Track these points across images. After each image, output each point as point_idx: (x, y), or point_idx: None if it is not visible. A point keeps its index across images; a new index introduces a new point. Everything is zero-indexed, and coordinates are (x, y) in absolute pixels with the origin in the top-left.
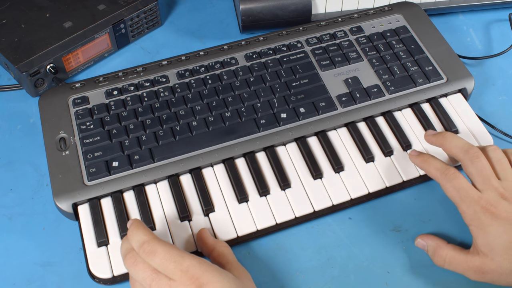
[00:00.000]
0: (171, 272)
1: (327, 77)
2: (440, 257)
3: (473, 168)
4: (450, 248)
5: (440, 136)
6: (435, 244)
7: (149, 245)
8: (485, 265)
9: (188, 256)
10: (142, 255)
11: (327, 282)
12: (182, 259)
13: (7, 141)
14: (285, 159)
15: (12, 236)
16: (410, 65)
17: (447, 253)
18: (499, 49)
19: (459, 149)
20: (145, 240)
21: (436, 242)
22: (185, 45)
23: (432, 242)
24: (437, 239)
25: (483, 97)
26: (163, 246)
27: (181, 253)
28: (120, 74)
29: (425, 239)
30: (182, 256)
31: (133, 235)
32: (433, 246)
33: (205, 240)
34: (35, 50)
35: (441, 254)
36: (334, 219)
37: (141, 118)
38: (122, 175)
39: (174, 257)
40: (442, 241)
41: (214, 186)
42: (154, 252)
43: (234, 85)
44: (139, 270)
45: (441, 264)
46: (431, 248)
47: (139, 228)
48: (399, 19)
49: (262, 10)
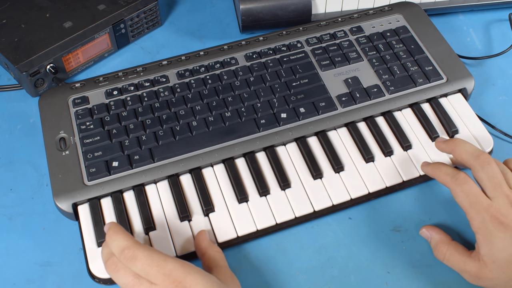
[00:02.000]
0: (153, 276)
1: (327, 77)
2: (441, 252)
3: (483, 173)
4: (452, 245)
5: (450, 142)
6: (438, 238)
7: (129, 251)
8: (482, 273)
9: (171, 259)
10: (123, 261)
11: (327, 282)
12: (165, 263)
13: (7, 141)
14: (285, 159)
15: (12, 236)
16: (410, 65)
17: (447, 249)
18: (499, 49)
19: (469, 154)
20: (125, 245)
21: (440, 236)
22: (185, 45)
23: (437, 235)
24: (442, 233)
25: (483, 97)
26: (144, 250)
27: (163, 256)
28: (120, 74)
29: (430, 231)
30: (164, 259)
31: (112, 240)
32: (436, 239)
33: (200, 242)
34: (35, 50)
35: (442, 249)
36: (334, 219)
37: (141, 118)
38: (122, 175)
39: (156, 261)
40: (446, 236)
41: (214, 186)
42: (135, 257)
43: (234, 85)
44: (120, 276)
45: (440, 259)
46: (434, 241)
47: (118, 233)
48: (399, 19)
49: (262, 10)
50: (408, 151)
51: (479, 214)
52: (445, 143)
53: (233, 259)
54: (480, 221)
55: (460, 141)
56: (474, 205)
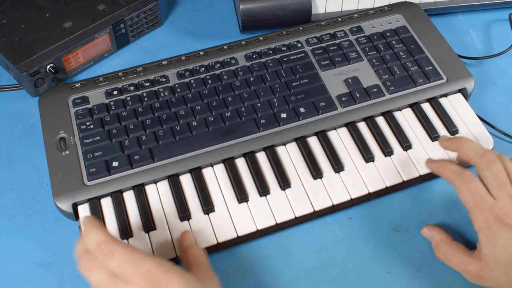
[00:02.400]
0: (130, 274)
1: (327, 77)
2: (442, 252)
3: (488, 172)
4: (453, 245)
5: (455, 140)
6: (439, 238)
7: (106, 246)
8: (483, 273)
9: (149, 257)
10: (99, 256)
11: (327, 282)
12: (142, 261)
13: (7, 141)
14: (285, 159)
15: (12, 236)
16: (410, 65)
17: (448, 249)
18: (499, 49)
19: (475, 153)
20: (102, 240)
21: (441, 236)
22: (185, 45)
23: (438, 235)
24: (443, 233)
25: (483, 97)
26: (122, 247)
27: (141, 254)
28: (120, 74)
29: (431, 231)
30: (142, 258)
31: (89, 235)
32: (437, 239)
33: (183, 240)
34: (35, 50)
35: (443, 249)
36: (334, 219)
37: (141, 118)
38: (122, 175)
39: (134, 259)
40: (447, 236)
41: (214, 186)
42: (112, 253)
43: (234, 85)
44: (94, 275)
45: (441, 259)
46: (435, 241)
47: (96, 227)
48: (399, 19)
49: (262, 10)
50: (408, 151)
51: (482, 214)
52: (449, 141)
53: (233, 259)
54: (483, 221)
55: (464, 139)
56: (478, 204)
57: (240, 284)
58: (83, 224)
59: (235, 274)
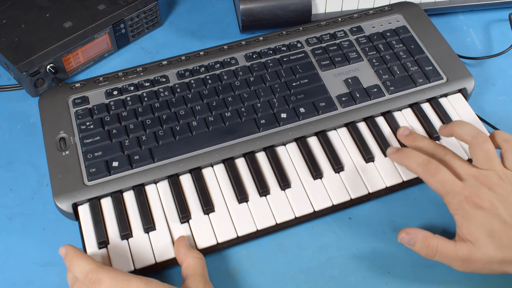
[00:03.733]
0: None
1: (327, 77)
2: (432, 247)
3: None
4: (439, 237)
5: (410, 137)
6: (423, 235)
7: (93, 274)
8: (472, 254)
9: (135, 279)
10: (88, 285)
11: (327, 282)
12: (129, 283)
13: (7, 141)
14: (285, 159)
15: (12, 236)
16: (410, 65)
17: (437, 242)
18: (499, 49)
19: (426, 149)
20: (88, 270)
21: (423, 233)
22: (185, 45)
23: (419, 233)
24: (423, 231)
25: (483, 97)
26: (108, 272)
27: (127, 277)
28: (120, 74)
29: (411, 232)
30: (128, 280)
31: (74, 265)
32: (423, 237)
33: (179, 249)
34: (35, 50)
35: (433, 244)
36: (334, 219)
37: (141, 118)
38: (122, 175)
39: (121, 283)
40: (428, 232)
41: (214, 186)
42: (100, 280)
43: (234, 85)
44: None
45: (433, 255)
46: (421, 240)
47: (79, 257)
48: (399, 19)
49: (262, 10)
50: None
51: (455, 198)
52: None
53: (233, 259)
54: (457, 203)
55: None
56: (449, 191)
57: (240, 284)
58: (64, 255)
59: (235, 274)
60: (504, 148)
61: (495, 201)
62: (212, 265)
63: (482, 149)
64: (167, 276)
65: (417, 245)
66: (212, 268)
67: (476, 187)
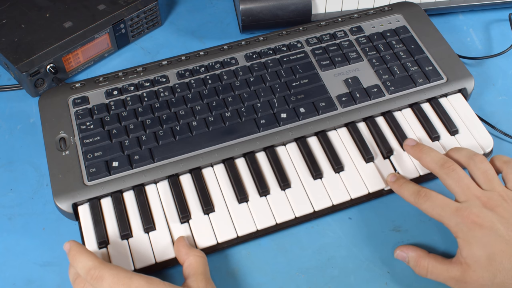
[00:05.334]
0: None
1: (327, 77)
2: (423, 267)
3: (450, 180)
4: (431, 257)
5: (417, 149)
6: (416, 255)
7: (95, 271)
8: (466, 276)
9: (136, 277)
10: (89, 281)
11: (327, 282)
12: (130, 281)
13: (7, 141)
14: (285, 159)
15: (12, 236)
16: (410, 65)
17: (428, 262)
18: (499, 49)
19: (434, 163)
20: (90, 266)
21: (417, 252)
22: (185, 45)
23: (413, 253)
24: (418, 249)
25: (483, 97)
26: (110, 270)
27: (129, 275)
28: (120, 74)
29: (405, 250)
30: (130, 278)
31: (77, 261)
32: (415, 256)
33: (180, 249)
34: (35, 50)
35: (423, 264)
36: (334, 219)
37: (141, 118)
38: (122, 175)
39: (122, 280)
40: (423, 251)
41: (214, 186)
42: (102, 277)
43: (234, 85)
44: None
45: (424, 274)
46: (413, 259)
47: (82, 254)
48: (399, 19)
49: (262, 10)
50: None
51: (451, 220)
52: (412, 148)
53: (233, 259)
54: (455, 225)
55: (426, 149)
56: (443, 214)
57: (240, 284)
58: (68, 250)
59: (235, 274)
60: (505, 170)
61: (496, 222)
62: (212, 265)
63: (480, 169)
64: (168, 276)
65: (411, 263)
66: (212, 268)
67: (477, 207)
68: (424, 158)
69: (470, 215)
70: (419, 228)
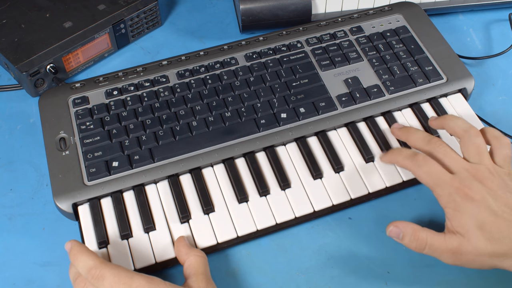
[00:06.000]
0: None
1: (327, 77)
2: (422, 240)
3: (438, 154)
4: (428, 230)
5: (404, 130)
6: (411, 228)
7: (96, 270)
8: (462, 246)
9: (137, 276)
10: (90, 280)
11: (327, 282)
12: (131, 281)
13: (7, 141)
14: (285, 159)
15: (12, 236)
16: (410, 65)
17: (427, 235)
18: (499, 49)
19: (421, 140)
20: (91, 265)
21: (412, 226)
22: (185, 45)
23: (408, 227)
24: (412, 224)
25: (483, 97)
26: (111, 269)
27: (129, 274)
28: (120, 74)
29: (400, 225)
30: (131, 277)
31: (78, 260)
32: (411, 230)
33: (180, 249)
34: (35, 50)
35: (422, 236)
36: (334, 219)
37: (141, 118)
38: (122, 175)
39: (123, 279)
40: (417, 225)
41: (214, 186)
42: (103, 276)
43: (234, 85)
44: None
45: (422, 248)
46: (410, 233)
47: (83, 253)
48: (399, 19)
49: (262, 10)
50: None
51: (445, 190)
52: (400, 130)
53: (233, 259)
54: (447, 195)
55: (413, 129)
56: (438, 182)
57: (240, 284)
58: (69, 250)
59: (235, 274)
60: (494, 144)
61: (485, 194)
62: (212, 265)
63: (473, 143)
64: (168, 276)
65: (406, 238)
66: (212, 268)
67: (468, 179)
68: (411, 138)
69: (463, 187)
70: None
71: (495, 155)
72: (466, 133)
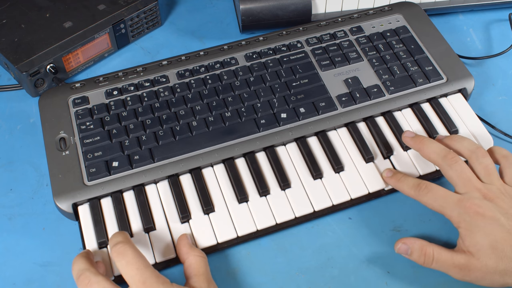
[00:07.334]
0: (130, 277)
1: (327, 77)
2: (429, 256)
3: (452, 172)
4: (435, 246)
5: (417, 140)
6: (419, 244)
7: (122, 246)
8: (470, 264)
9: (151, 269)
10: (112, 253)
11: (327, 282)
12: (145, 269)
13: (7, 141)
14: (285, 159)
15: (12, 236)
16: (410, 65)
17: (433, 250)
18: (499, 49)
19: (436, 154)
20: (120, 240)
21: (420, 241)
22: (185, 45)
23: (416, 242)
24: (419, 240)
25: (483, 97)
26: (134, 251)
27: (146, 263)
28: (120, 74)
29: (408, 242)
30: (146, 266)
31: (114, 236)
32: (418, 246)
33: (181, 248)
34: (35, 50)
35: (429, 252)
36: (334, 219)
37: (141, 118)
38: (122, 175)
39: (139, 264)
40: (424, 240)
41: (214, 186)
42: (124, 253)
43: (234, 85)
44: None
45: (429, 263)
46: (417, 248)
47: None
48: (399, 19)
49: (262, 10)
50: (408, 151)
51: (454, 211)
52: (412, 139)
53: (233, 259)
54: (457, 215)
55: (427, 140)
56: (445, 205)
57: (240, 284)
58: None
59: (235, 274)
60: (503, 164)
61: (496, 212)
62: (212, 265)
63: (481, 164)
64: (168, 275)
65: (414, 254)
66: (212, 268)
67: (478, 199)
68: (425, 149)
69: (473, 205)
70: (419, 228)
71: (505, 174)
72: (473, 154)
